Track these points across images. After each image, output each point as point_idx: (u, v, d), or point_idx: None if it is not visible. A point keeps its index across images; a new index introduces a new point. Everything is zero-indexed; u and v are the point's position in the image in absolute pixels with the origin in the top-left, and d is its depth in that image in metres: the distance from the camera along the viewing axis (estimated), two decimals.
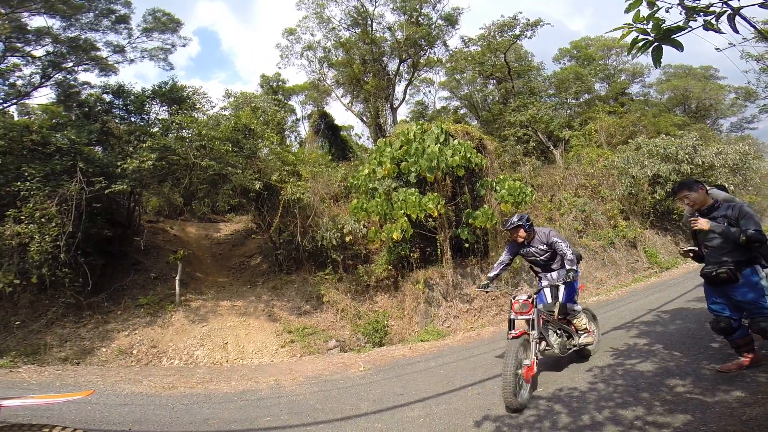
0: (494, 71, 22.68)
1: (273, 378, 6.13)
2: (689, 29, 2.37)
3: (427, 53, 22.73)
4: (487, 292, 5.59)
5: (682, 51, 2.41)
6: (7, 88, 12.86)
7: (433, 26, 21.48)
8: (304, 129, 26.43)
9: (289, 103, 26.21)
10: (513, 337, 3.89)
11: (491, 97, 25.39)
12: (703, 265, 3.81)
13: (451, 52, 23.32)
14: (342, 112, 61.83)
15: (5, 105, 13.23)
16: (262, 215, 11.29)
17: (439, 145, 9.52)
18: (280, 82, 25.32)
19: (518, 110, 19.82)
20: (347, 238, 10.16)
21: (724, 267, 3.53)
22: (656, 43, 2.39)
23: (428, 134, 9.90)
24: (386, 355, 7.27)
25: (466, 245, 10.38)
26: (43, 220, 8.05)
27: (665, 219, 14.88)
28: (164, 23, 14.43)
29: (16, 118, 13.41)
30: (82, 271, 8.78)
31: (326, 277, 10.30)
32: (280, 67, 37.09)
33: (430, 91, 28.28)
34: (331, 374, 6.30)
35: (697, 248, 3.94)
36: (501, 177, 10.58)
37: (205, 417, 4.42)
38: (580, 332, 4.75)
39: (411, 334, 8.95)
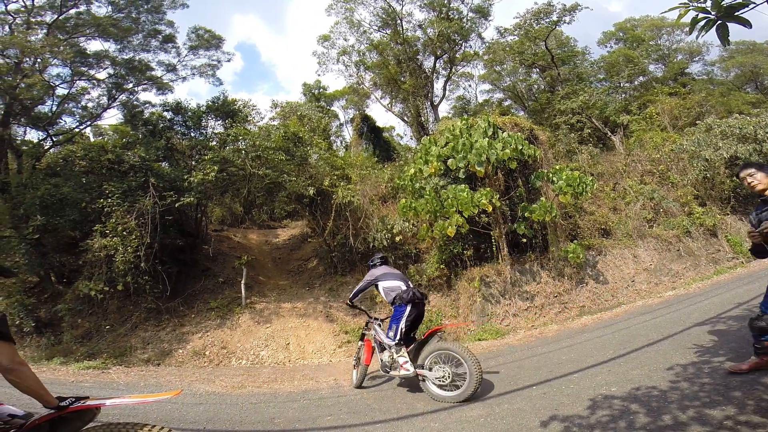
0: (536, 60, 21.73)
1: (332, 378, 6.28)
2: (753, 5, 2.16)
3: (463, 47, 22.32)
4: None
5: (750, 28, 2.22)
6: (81, 111, 14.39)
7: (464, 20, 21.04)
8: (348, 133, 27.01)
9: (332, 108, 26.91)
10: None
11: (536, 86, 24.34)
12: None
13: (487, 44, 22.75)
14: (383, 113, 62.47)
15: (82, 127, 14.86)
16: (316, 220, 11.66)
17: (487, 138, 9.25)
18: (321, 89, 26.07)
19: (568, 97, 18.79)
20: (397, 238, 10.18)
21: None
22: (719, 21, 2.19)
23: (475, 129, 9.65)
24: None
25: (524, 240, 9.96)
26: (124, 233, 8.93)
27: (749, 203, 13.30)
28: (207, 40, 15.42)
29: (92, 139, 14.98)
30: (161, 279, 9.62)
31: None
32: (319, 74, 38.37)
33: (470, 86, 27.75)
34: (386, 374, 6.32)
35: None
36: (557, 167, 10.04)
37: (272, 416, 4.59)
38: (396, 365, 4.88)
39: (467, 334, 8.74)
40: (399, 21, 20.81)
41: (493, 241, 9.96)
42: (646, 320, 7.06)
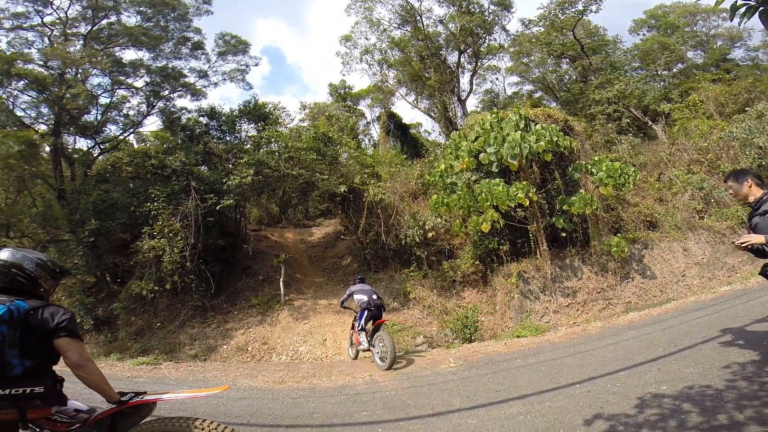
0: (565, 50, 21.02)
1: (368, 374, 6.33)
2: None
3: (487, 41, 21.85)
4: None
5: None
6: (123, 118, 15.20)
7: (486, 12, 20.64)
8: (375, 131, 26.99)
9: (358, 107, 26.95)
10: None
11: (567, 76, 23.48)
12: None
13: (512, 36, 22.15)
14: (409, 110, 61.82)
15: (125, 134, 15.69)
16: (348, 217, 11.82)
17: (519, 131, 9.02)
18: (346, 89, 26.22)
19: (602, 87, 18.07)
20: (429, 234, 10.13)
21: None
22: (762, 8, 2.06)
23: (506, 122, 9.44)
24: (478, 351, 7.06)
25: (563, 234, 9.64)
26: (170, 234, 9.41)
27: None
28: (234, 45, 15.86)
29: (135, 146, 15.76)
30: (205, 277, 10.06)
31: (411, 274, 10.38)
32: (343, 74, 38.54)
33: (497, 79, 26.88)
34: (420, 370, 6.32)
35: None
36: (596, 158, 9.65)
37: (311, 411, 4.67)
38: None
39: (504, 330, 8.58)
40: (418, 17, 20.66)
41: (530, 235, 9.70)
42: (699, 317, 6.65)
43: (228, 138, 12.55)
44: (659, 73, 21.62)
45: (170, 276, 9.34)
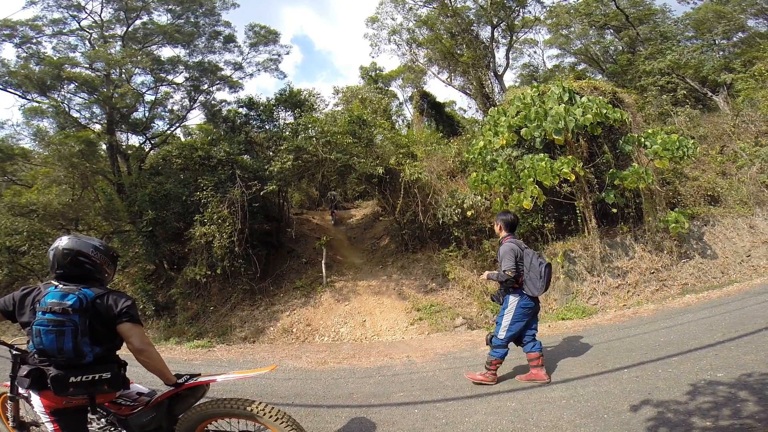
0: (608, 20, 19.51)
1: (405, 355, 6.40)
2: None
3: (521, 14, 20.61)
4: None
5: None
6: (168, 114, 15.97)
7: None
8: (409, 111, 26.56)
9: (390, 88, 26.53)
10: None
11: (613, 48, 21.83)
12: None
13: (548, 8, 20.74)
14: (442, 88, 60.82)
15: (172, 129, 16.52)
16: (385, 198, 11.83)
17: (563, 105, 8.53)
18: (377, 71, 25.84)
19: (653, 57, 16.70)
20: (468, 213, 9.93)
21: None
22: None
23: (548, 95, 8.94)
24: None
25: (614, 210, 9.11)
26: (219, 221, 9.89)
27: None
28: (264, 36, 16.05)
29: (182, 139, 16.63)
30: (252, 261, 10.52)
31: (450, 254, 10.26)
32: (372, 56, 37.77)
33: (535, 52, 25.40)
34: (460, 351, 6.29)
35: None
36: (650, 131, 8.98)
37: (350, 391, 4.79)
38: None
39: (548, 312, 8.34)
40: None
41: (577, 212, 9.25)
42: (765, 300, 6.11)
43: (267, 126, 12.89)
44: (717, 42, 19.65)
45: (221, 261, 9.85)
